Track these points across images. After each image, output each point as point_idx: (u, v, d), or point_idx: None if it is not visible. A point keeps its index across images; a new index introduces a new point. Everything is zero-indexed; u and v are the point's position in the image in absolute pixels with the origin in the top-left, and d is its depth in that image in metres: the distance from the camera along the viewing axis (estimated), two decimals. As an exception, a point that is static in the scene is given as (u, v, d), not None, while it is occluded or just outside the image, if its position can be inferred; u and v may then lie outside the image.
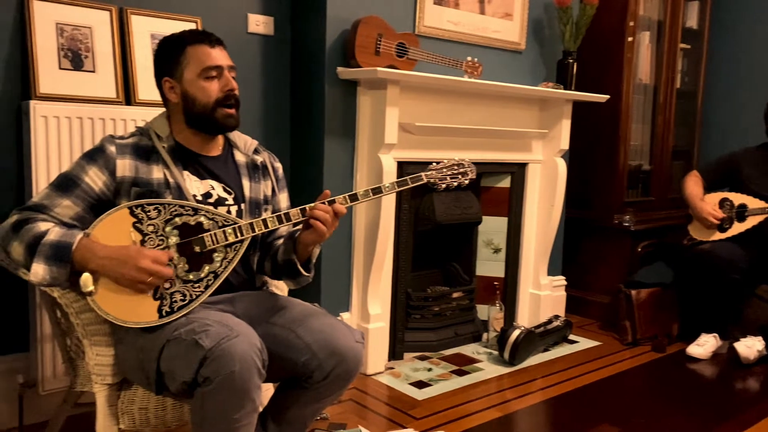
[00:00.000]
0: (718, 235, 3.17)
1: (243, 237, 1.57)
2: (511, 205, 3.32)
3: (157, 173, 1.60)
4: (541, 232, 3.41)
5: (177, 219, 1.54)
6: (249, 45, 2.60)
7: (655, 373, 2.98)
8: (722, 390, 2.83)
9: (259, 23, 2.63)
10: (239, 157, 1.76)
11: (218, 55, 1.64)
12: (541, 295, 3.42)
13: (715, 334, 3.18)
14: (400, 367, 2.85)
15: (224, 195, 1.68)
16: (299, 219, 1.60)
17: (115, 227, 1.50)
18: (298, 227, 1.68)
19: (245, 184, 1.73)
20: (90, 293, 1.47)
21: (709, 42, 4.21)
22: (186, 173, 1.65)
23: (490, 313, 3.17)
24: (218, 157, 1.73)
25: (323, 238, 1.61)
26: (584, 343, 3.31)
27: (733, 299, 3.15)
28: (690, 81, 4.19)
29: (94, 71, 2.16)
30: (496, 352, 3.03)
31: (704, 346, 3.15)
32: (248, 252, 1.71)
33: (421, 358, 2.98)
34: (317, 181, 2.65)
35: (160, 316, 1.49)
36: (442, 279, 3.35)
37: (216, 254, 1.55)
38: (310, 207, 1.59)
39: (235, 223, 1.57)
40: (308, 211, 1.59)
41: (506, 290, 3.36)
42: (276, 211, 1.76)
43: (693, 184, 3.29)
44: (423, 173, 1.71)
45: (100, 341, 1.56)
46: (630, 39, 3.55)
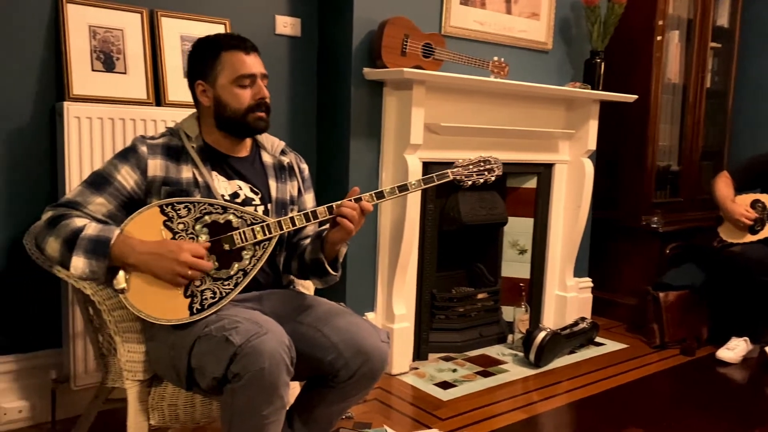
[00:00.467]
0: (749, 237, 3.12)
1: (271, 235, 1.59)
2: (538, 206, 3.30)
3: (186, 173, 1.62)
4: (567, 233, 3.38)
5: (206, 217, 1.56)
6: (276, 46, 2.62)
7: (684, 377, 2.93)
8: (752, 395, 2.78)
9: (286, 25, 2.65)
10: (266, 158, 1.78)
11: (252, 63, 1.65)
12: (567, 297, 3.39)
13: (745, 337, 3.12)
14: (425, 368, 2.85)
15: (251, 195, 1.70)
16: (326, 217, 1.61)
17: (146, 225, 1.53)
18: (325, 227, 1.69)
19: (272, 184, 1.74)
20: (122, 291, 1.50)
21: (741, 40, 4.13)
22: (214, 173, 1.67)
23: (516, 314, 3.15)
24: (246, 158, 1.75)
25: (350, 235, 1.62)
26: (611, 346, 3.27)
27: (765, 302, 3.09)
28: (720, 80, 4.12)
29: (125, 73, 2.20)
30: (521, 354, 3.01)
31: (734, 350, 3.09)
32: (274, 252, 1.73)
33: (446, 359, 2.98)
34: (343, 181, 2.67)
35: (191, 314, 1.51)
36: (467, 280, 3.34)
37: (245, 252, 1.57)
38: (337, 204, 1.60)
39: (263, 221, 1.59)
40: (335, 209, 1.60)
41: (532, 292, 3.34)
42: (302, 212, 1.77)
43: (723, 185, 3.24)
44: (449, 170, 1.71)
45: (131, 338, 1.59)
46: (659, 38, 3.51)
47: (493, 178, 1.74)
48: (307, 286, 1.97)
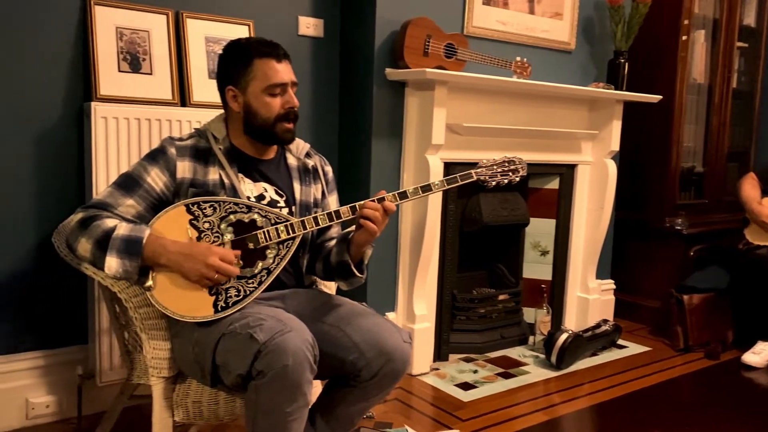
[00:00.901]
0: (776, 240, 3.08)
1: (295, 234, 1.60)
2: (560, 207, 3.28)
3: (213, 174, 1.64)
4: (589, 234, 3.36)
5: (231, 216, 1.58)
6: (299, 47, 2.64)
7: (708, 381, 2.90)
8: (780, 400, 2.74)
9: (309, 26, 2.66)
10: (291, 161, 1.79)
11: (284, 71, 1.65)
12: (590, 299, 3.36)
13: (772, 341, 3.08)
14: (446, 369, 2.85)
15: (276, 197, 1.72)
16: (349, 217, 1.62)
17: (172, 224, 1.55)
18: (350, 229, 1.70)
19: (296, 187, 1.76)
20: (149, 288, 1.52)
21: (768, 40, 4.08)
22: (240, 175, 1.68)
23: (537, 316, 3.13)
24: (271, 160, 1.76)
25: (374, 236, 1.62)
26: (634, 349, 3.24)
27: (793, 306, 3.04)
28: (747, 80, 4.06)
29: (151, 73, 2.23)
30: (542, 356, 3.00)
31: (761, 354, 3.05)
32: (298, 253, 1.74)
33: (467, 360, 2.97)
34: (365, 181, 2.67)
35: (216, 311, 1.53)
36: (488, 281, 3.33)
37: (269, 251, 1.59)
38: (360, 205, 1.61)
39: (287, 220, 1.60)
40: (358, 209, 1.61)
41: (553, 293, 3.32)
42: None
43: (750, 187, 3.19)
44: (473, 170, 1.71)
45: (157, 335, 1.61)
46: (684, 37, 3.47)
47: (518, 179, 1.74)
48: (329, 286, 1.98)
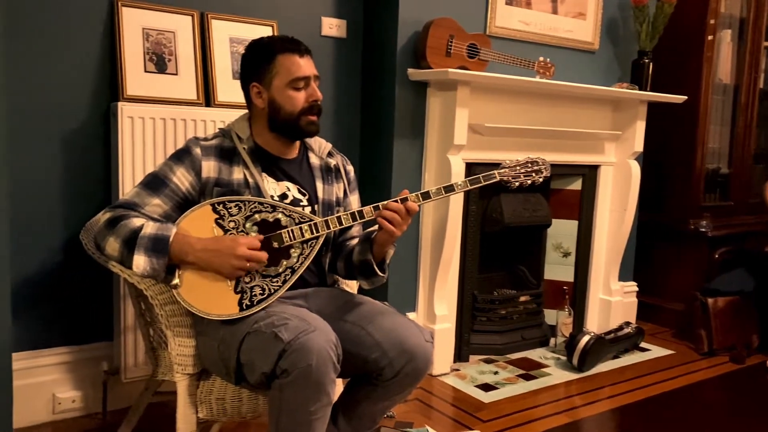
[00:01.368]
0: (803, 243, 3.03)
1: (318, 233, 1.61)
2: (582, 208, 3.25)
3: (237, 174, 1.66)
4: (612, 236, 3.33)
5: (256, 216, 1.59)
6: (322, 47, 2.65)
7: (733, 386, 2.86)
8: (807, 405, 2.69)
9: (332, 26, 2.67)
10: (314, 160, 1.80)
11: (306, 66, 1.68)
12: (612, 301, 3.33)
13: (799, 346, 3.03)
14: (466, 369, 2.84)
15: (299, 196, 1.73)
16: (372, 217, 1.62)
17: (198, 223, 1.57)
18: (373, 228, 1.70)
19: (319, 186, 1.77)
20: (175, 286, 1.54)
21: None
22: (264, 174, 1.70)
23: (559, 318, 3.11)
24: (294, 159, 1.77)
25: (393, 236, 1.63)
26: (656, 352, 3.21)
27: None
28: (774, 81, 4.00)
29: (176, 74, 2.25)
30: (564, 358, 2.98)
31: (787, 358, 3.00)
32: (320, 252, 1.74)
33: (487, 361, 2.96)
34: (386, 181, 2.68)
35: (241, 309, 1.54)
36: (509, 282, 3.32)
37: (293, 250, 1.60)
38: (383, 205, 1.62)
39: (311, 220, 1.61)
40: (381, 209, 1.61)
41: (575, 295, 3.29)
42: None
43: (776, 189, 3.15)
44: (496, 171, 1.70)
45: (182, 332, 1.63)
46: (710, 37, 3.42)
47: (541, 180, 1.73)
48: (350, 285, 1.98)
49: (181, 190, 1.62)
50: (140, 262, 1.52)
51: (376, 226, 1.68)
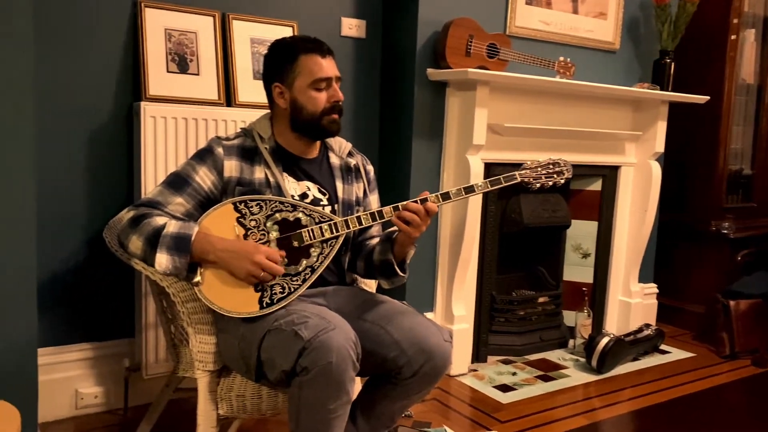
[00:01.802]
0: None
1: (338, 233, 1.62)
2: (602, 209, 3.23)
3: (258, 173, 1.67)
4: (632, 237, 3.30)
5: (277, 215, 1.60)
6: (342, 48, 2.66)
7: (755, 389, 2.82)
8: (831, 410, 2.65)
9: (352, 27, 2.68)
10: (334, 160, 1.81)
11: (329, 67, 1.68)
12: (632, 303, 3.30)
13: (823, 350, 2.98)
14: (484, 370, 2.84)
15: (319, 196, 1.74)
16: (392, 217, 1.62)
17: (220, 221, 1.58)
18: (394, 228, 1.70)
19: (338, 185, 1.78)
20: (197, 284, 1.56)
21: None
22: (284, 174, 1.71)
23: (578, 319, 3.10)
24: (314, 159, 1.78)
25: (411, 237, 1.63)
26: (677, 354, 3.18)
27: None
28: (799, 81, 3.93)
29: (198, 74, 2.28)
30: (582, 359, 2.96)
31: (811, 362, 2.96)
32: (340, 251, 1.75)
33: (505, 362, 2.95)
34: (405, 181, 2.68)
35: (261, 308, 1.55)
36: (528, 283, 3.30)
37: (313, 249, 1.61)
38: (403, 205, 1.62)
39: (331, 219, 1.62)
40: (399, 210, 1.61)
41: (594, 297, 3.27)
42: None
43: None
44: (517, 172, 1.70)
45: (203, 329, 1.65)
46: (733, 37, 3.38)
47: (563, 182, 1.72)
48: (369, 284, 1.99)
49: (204, 189, 1.64)
50: (162, 260, 1.53)
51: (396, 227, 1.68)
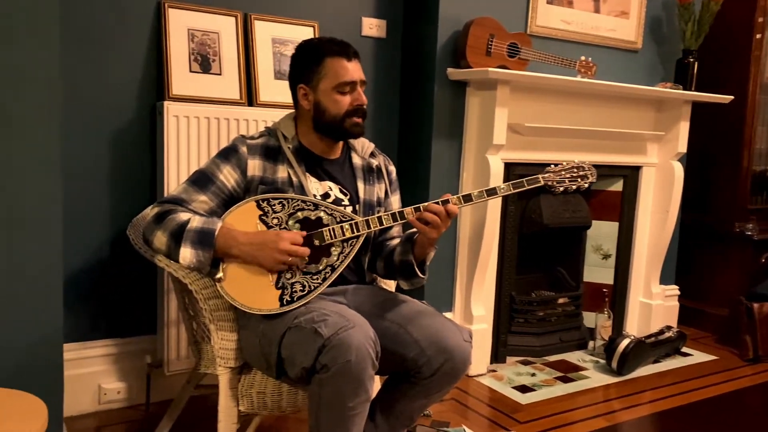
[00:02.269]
0: None
1: (359, 233, 1.62)
2: (623, 210, 3.21)
3: (281, 173, 1.69)
4: (653, 238, 3.27)
5: (299, 213, 1.62)
6: (362, 48, 2.65)
7: (780, 393, 2.79)
8: None
9: (372, 27, 2.69)
10: (356, 160, 1.82)
11: (354, 70, 1.69)
12: (653, 305, 3.27)
13: None
14: (503, 370, 2.83)
15: (340, 196, 1.75)
16: (412, 218, 1.62)
17: (243, 219, 1.60)
18: (415, 229, 1.71)
19: (360, 186, 1.78)
20: (219, 280, 1.58)
21: None
22: (307, 174, 1.72)
23: (598, 320, 3.07)
24: (337, 160, 1.79)
25: (431, 238, 1.63)
26: (699, 357, 3.14)
27: None
28: (826, 80, 3.87)
29: (220, 74, 2.30)
30: (602, 361, 2.94)
31: (837, 367, 2.91)
32: (360, 251, 1.75)
33: (524, 363, 2.94)
34: (424, 181, 2.68)
35: (281, 305, 1.57)
36: (548, 283, 3.29)
37: (333, 248, 1.62)
38: (424, 206, 1.62)
39: (352, 219, 1.63)
40: (421, 211, 1.62)
41: (615, 298, 3.25)
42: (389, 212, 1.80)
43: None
44: (540, 175, 1.69)
45: (225, 326, 1.67)
46: (758, 36, 3.33)
47: (586, 185, 1.71)
48: (389, 284, 2.00)
49: (227, 187, 1.66)
50: (186, 254, 1.55)
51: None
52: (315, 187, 1.72)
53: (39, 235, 1.62)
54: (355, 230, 1.62)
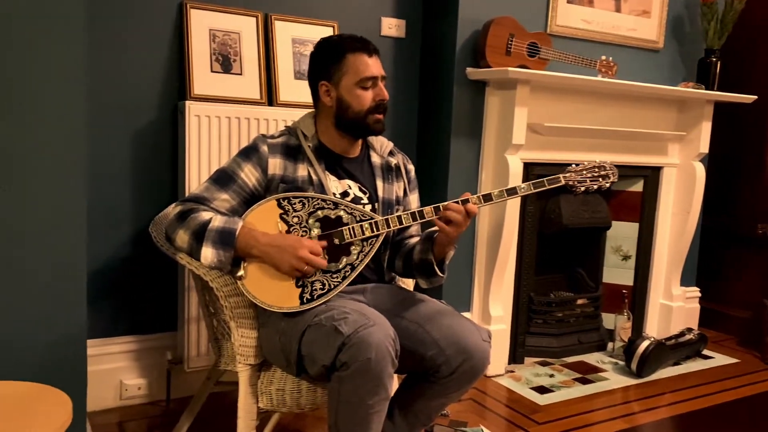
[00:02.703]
0: None
1: (379, 232, 1.63)
2: (644, 211, 3.18)
3: (301, 171, 1.70)
4: (674, 239, 3.24)
5: (319, 212, 1.63)
6: (381, 47, 2.62)
7: (803, 397, 2.74)
8: None
9: (391, 26, 2.70)
10: (375, 159, 1.83)
11: (375, 65, 1.70)
12: (673, 307, 3.24)
13: None
14: (521, 371, 2.82)
15: (360, 194, 1.75)
16: (432, 217, 1.63)
17: (263, 217, 1.62)
18: (435, 228, 1.71)
19: (379, 184, 1.79)
20: (240, 278, 1.59)
21: None
22: (327, 172, 1.73)
23: (617, 322, 3.05)
24: (356, 158, 1.80)
25: (450, 237, 1.63)
26: (720, 360, 3.10)
27: None
28: None
29: (241, 74, 2.32)
30: (621, 363, 2.92)
31: None
32: (379, 250, 1.76)
33: (542, 364, 2.93)
34: (443, 180, 2.68)
35: (301, 303, 1.58)
36: (567, 284, 3.27)
37: (353, 247, 1.62)
38: (444, 206, 1.62)
39: (372, 218, 1.64)
40: (442, 210, 1.62)
41: (635, 299, 3.22)
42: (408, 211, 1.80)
43: None
44: (561, 175, 1.68)
45: (245, 323, 1.68)
46: (783, 35, 3.29)
47: (608, 185, 1.70)
48: (407, 283, 2.00)
49: (248, 186, 1.67)
50: (208, 254, 1.57)
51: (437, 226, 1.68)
52: (334, 185, 1.73)
53: (64, 234, 1.65)
54: (374, 229, 1.63)
